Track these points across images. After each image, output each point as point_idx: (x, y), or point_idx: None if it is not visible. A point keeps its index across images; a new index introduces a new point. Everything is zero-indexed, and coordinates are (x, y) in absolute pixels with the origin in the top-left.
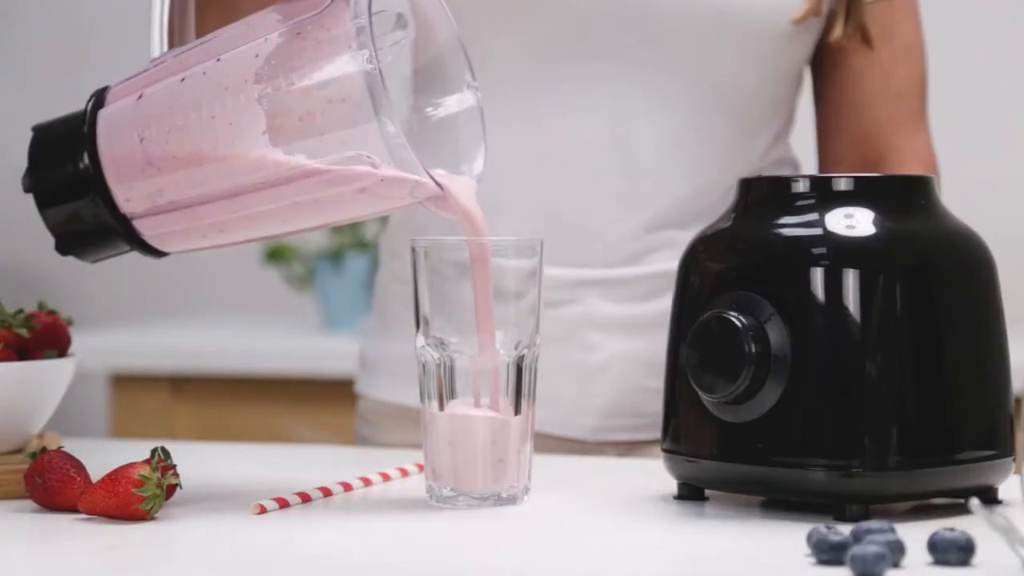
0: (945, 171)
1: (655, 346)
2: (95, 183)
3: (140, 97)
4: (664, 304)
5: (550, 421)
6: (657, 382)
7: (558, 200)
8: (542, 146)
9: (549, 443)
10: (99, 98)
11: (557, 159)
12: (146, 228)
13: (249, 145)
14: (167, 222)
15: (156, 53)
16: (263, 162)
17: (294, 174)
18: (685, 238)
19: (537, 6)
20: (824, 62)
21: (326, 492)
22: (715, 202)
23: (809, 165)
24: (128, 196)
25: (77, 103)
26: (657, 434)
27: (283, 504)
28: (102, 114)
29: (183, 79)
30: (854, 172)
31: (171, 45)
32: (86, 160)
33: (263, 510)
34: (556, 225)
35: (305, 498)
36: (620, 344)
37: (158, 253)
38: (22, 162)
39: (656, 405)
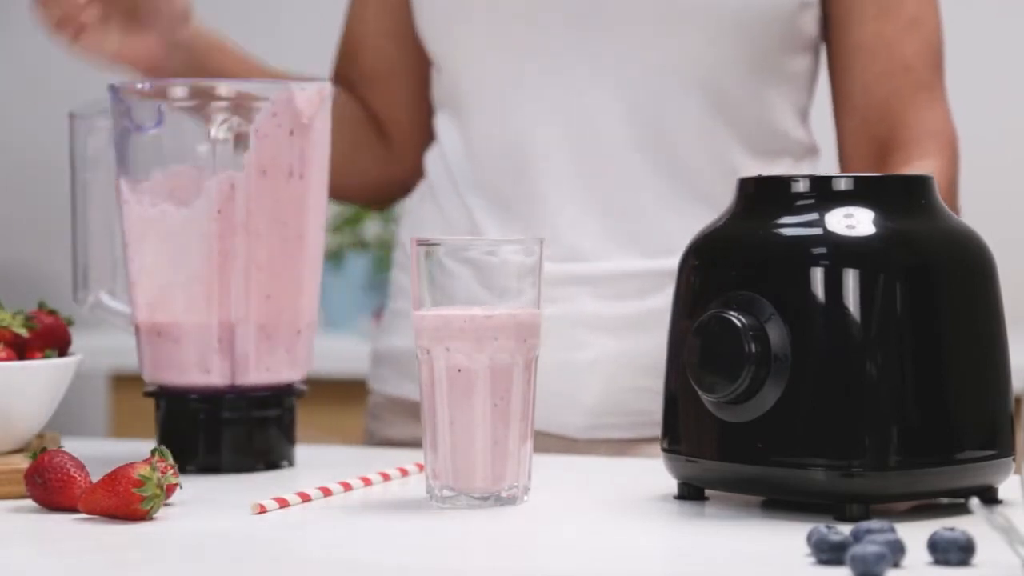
0: None
1: (644, 345)
2: None
3: None
4: (652, 303)
5: (539, 418)
6: (647, 381)
7: (539, 196)
8: (509, 145)
9: (540, 440)
10: None
11: (522, 159)
12: None
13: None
14: None
15: None
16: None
17: None
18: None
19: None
20: (831, 41)
21: (326, 492)
22: (707, 194)
23: (830, 148)
24: None
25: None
26: (648, 432)
27: (283, 504)
28: None
29: None
30: (868, 150)
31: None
32: None
33: (263, 510)
34: (545, 222)
35: (305, 498)
36: (609, 343)
37: None
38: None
39: (647, 404)
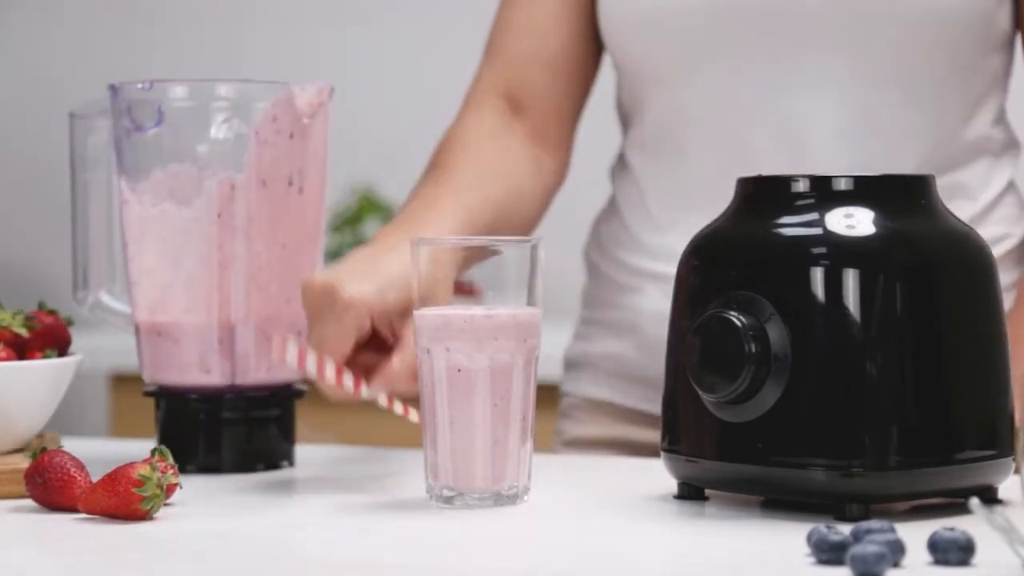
0: None
1: None
2: None
3: None
4: None
5: None
6: None
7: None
8: (721, 162)
9: None
10: None
11: (745, 148)
12: None
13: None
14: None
15: None
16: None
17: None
18: None
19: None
20: None
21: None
22: None
23: None
24: None
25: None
26: None
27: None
28: None
29: None
30: None
31: None
32: None
33: (283, 347)
34: None
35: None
36: None
37: None
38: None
39: None
